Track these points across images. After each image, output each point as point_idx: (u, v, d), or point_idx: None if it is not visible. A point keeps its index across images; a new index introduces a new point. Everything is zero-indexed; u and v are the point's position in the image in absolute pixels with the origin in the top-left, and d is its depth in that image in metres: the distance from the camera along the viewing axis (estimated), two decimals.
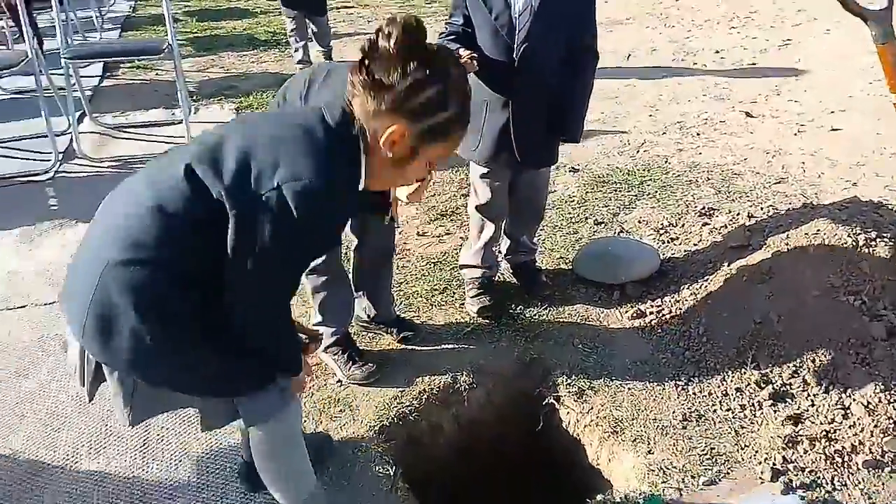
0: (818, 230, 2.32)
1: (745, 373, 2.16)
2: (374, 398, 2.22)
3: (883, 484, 1.83)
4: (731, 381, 2.16)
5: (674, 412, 2.11)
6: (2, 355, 2.46)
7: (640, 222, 3.06)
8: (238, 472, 1.95)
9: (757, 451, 1.95)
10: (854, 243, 2.24)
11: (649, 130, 4.00)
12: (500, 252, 2.72)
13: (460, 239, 3.01)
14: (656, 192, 3.30)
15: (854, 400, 1.97)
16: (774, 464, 1.89)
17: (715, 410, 2.10)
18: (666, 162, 3.61)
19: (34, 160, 3.93)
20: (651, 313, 2.47)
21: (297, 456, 1.63)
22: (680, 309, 2.45)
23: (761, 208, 2.96)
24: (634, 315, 2.49)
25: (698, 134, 3.92)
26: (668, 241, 2.88)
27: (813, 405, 2.02)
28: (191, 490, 1.94)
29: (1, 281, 2.88)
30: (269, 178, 1.17)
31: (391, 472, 1.99)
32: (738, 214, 2.92)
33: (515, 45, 2.13)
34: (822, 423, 1.96)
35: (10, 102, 4.83)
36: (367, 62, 1.20)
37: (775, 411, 2.04)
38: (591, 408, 2.19)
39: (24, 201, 3.50)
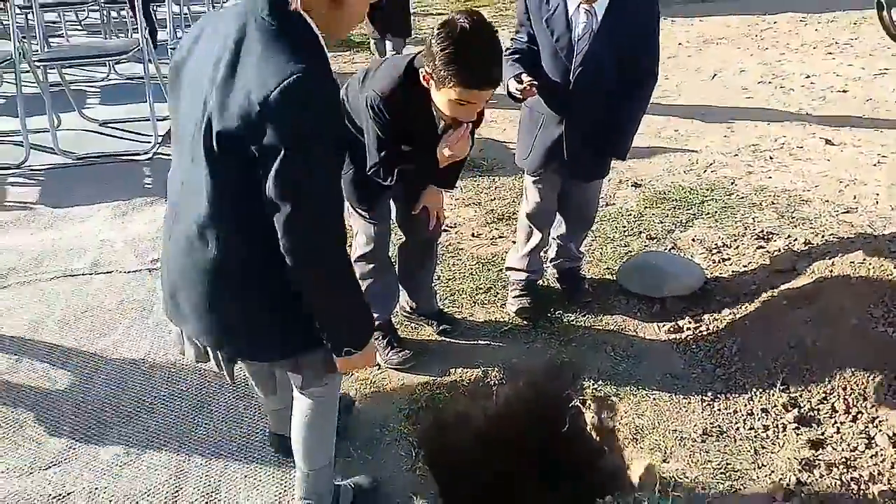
0: (864, 259, 2.28)
1: (773, 394, 2.16)
2: (407, 383, 2.35)
3: None
4: (758, 401, 2.16)
5: (695, 425, 2.13)
6: (85, 314, 2.75)
7: (693, 240, 3.05)
8: (269, 442, 2.11)
9: (773, 472, 1.95)
10: None
11: (720, 151, 3.96)
12: (546, 257, 2.79)
13: (512, 242, 3.09)
14: (716, 212, 3.28)
15: (880, 430, 1.94)
16: (788, 485, 1.89)
17: (737, 428, 2.10)
18: (732, 183, 3.57)
19: (137, 141, 4.30)
20: (687, 329, 2.49)
21: (330, 426, 1.76)
22: (717, 327, 2.45)
23: (822, 236, 2.91)
24: (671, 329, 2.51)
25: (771, 158, 3.84)
26: (719, 262, 2.87)
27: (838, 432, 1.99)
28: (224, 442, 2.12)
29: (94, 248, 3.20)
30: (259, 94, 1.17)
31: (413, 454, 2.12)
32: (796, 241, 2.87)
33: (573, 68, 2.18)
34: (843, 451, 1.94)
35: (124, 86, 5.29)
36: None
37: (798, 434, 2.03)
38: (615, 413, 2.24)
39: (123, 178, 3.85)
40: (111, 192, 3.67)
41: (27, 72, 4.28)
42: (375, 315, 2.41)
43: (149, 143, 4.21)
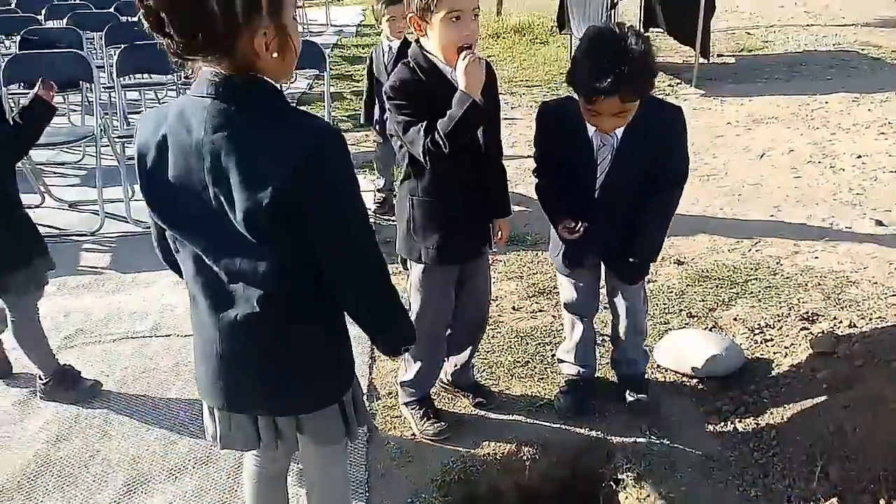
0: None
1: (811, 482, 2.11)
2: (442, 454, 2.39)
3: None
4: (797, 488, 2.12)
5: None
6: (143, 374, 2.91)
7: (735, 320, 3.05)
8: None
9: None
10: None
11: (767, 230, 3.95)
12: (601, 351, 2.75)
13: (552, 317, 3.16)
14: (760, 292, 3.27)
15: None
16: None
17: None
18: (778, 263, 3.56)
19: None
20: (725, 410, 2.47)
21: (345, 491, 1.80)
22: (755, 409, 2.43)
23: (868, 319, 2.87)
24: (708, 410, 2.49)
25: (819, 238, 3.82)
26: (761, 342, 2.85)
27: None
28: None
29: (156, 312, 3.39)
30: (286, 164, 1.22)
31: None
32: (841, 322, 2.84)
33: (597, 186, 2.19)
34: None
35: None
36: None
37: None
38: (649, 494, 2.22)
39: None
40: None
41: (107, 146, 4.65)
42: (416, 390, 2.48)
43: None
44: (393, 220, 2.65)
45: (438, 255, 2.19)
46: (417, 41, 2.08)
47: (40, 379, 2.72)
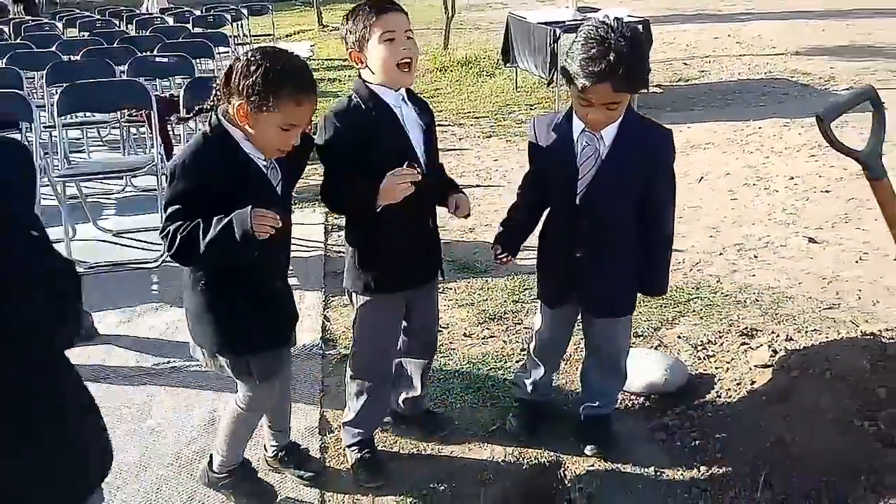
0: (838, 355, 2.34)
1: (756, 493, 2.17)
2: (396, 486, 2.37)
3: None
4: (742, 500, 2.17)
5: None
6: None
7: (679, 338, 3.13)
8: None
9: None
10: (872, 369, 2.24)
11: (707, 251, 4.08)
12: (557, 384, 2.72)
13: (503, 342, 3.19)
14: (702, 310, 3.37)
15: None
16: None
17: None
18: (718, 282, 3.68)
19: (147, 250, 4.50)
20: (672, 426, 2.52)
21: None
22: (700, 423, 2.49)
23: (804, 332, 2.98)
24: (656, 427, 2.54)
25: (755, 257, 3.96)
26: (704, 358, 2.93)
27: None
28: None
29: (99, 352, 3.30)
30: None
31: None
32: (779, 336, 2.94)
33: (578, 193, 2.11)
34: None
35: (137, 199, 5.55)
36: None
37: None
38: None
39: (131, 285, 4.01)
40: (119, 298, 3.81)
41: (47, 185, 4.55)
42: (360, 431, 2.42)
43: (158, 251, 4.40)
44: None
45: (383, 283, 2.21)
46: (359, 75, 2.14)
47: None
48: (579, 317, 2.40)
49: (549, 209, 2.25)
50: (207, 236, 1.75)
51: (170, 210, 1.83)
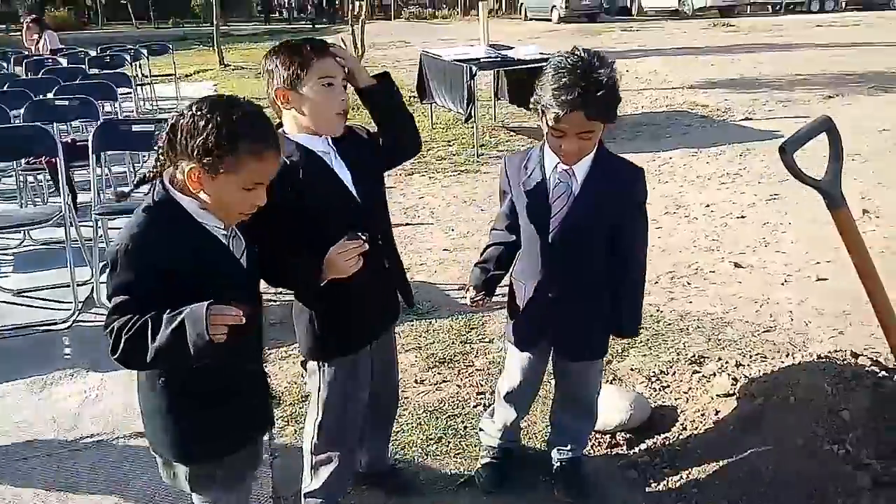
0: (799, 380, 2.39)
1: None
2: None
3: None
4: None
5: None
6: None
7: (632, 370, 3.13)
8: None
9: None
10: (834, 392, 2.30)
11: None
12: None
13: (457, 387, 3.09)
14: (648, 339, 3.40)
15: None
16: None
17: None
18: (658, 311, 3.73)
19: (55, 309, 4.12)
20: (642, 462, 2.49)
21: None
22: (671, 458, 2.47)
23: (749, 356, 3.05)
24: (626, 465, 2.50)
25: (689, 283, 4.07)
26: (660, 389, 2.94)
27: None
28: None
29: (9, 431, 2.95)
30: None
31: None
32: (727, 363, 2.99)
33: (550, 232, 2.06)
34: None
35: (38, 253, 5.10)
36: None
37: None
38: None
39: (40, 350, 3.64)
40: (27, 366, 3.45)
41: None
42: (325, 501, 2.23)
43: (68, 310, 4.04)
44: None
45: (350, 343, 2.06)
46: (280, 124, 1.97)
47: None
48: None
49: (521, 248, 2.19)
50: (155, 342, 1.43)
51: (115, 301, 1.51)
